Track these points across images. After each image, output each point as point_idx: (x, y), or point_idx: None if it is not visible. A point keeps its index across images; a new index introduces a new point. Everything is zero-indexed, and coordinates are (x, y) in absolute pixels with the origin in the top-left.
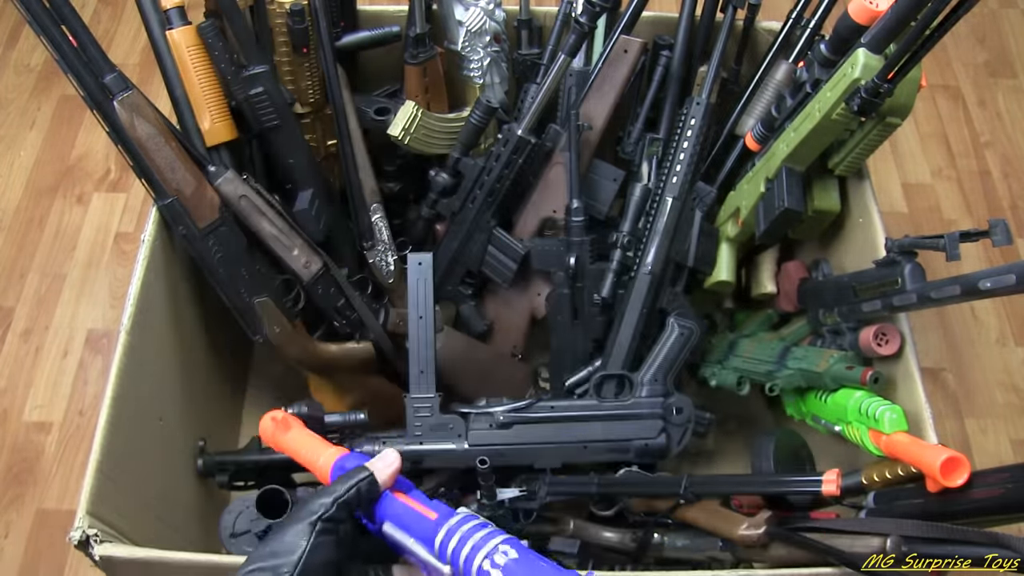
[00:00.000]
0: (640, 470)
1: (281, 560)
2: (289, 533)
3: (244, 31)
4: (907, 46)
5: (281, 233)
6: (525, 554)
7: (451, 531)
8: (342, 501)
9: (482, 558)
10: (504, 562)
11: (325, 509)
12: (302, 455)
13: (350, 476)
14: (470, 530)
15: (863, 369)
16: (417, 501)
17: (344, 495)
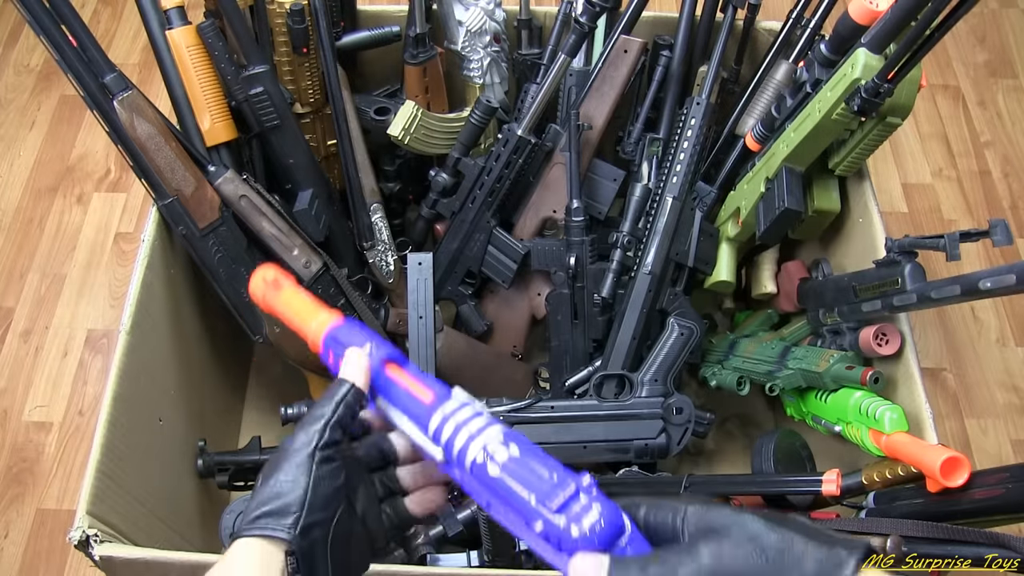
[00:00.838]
0: (640, 470)
1: (287, 499)
2: (286, 470)
3: (244, 31)
4: (907, 46)
5: (281, 233)
6: (527, 451)
7: (446, 417)
8: (333, 423)
9: (477, 449)
10: (504, 459)
11: (319, 437)
12: (294, 321)
13: (331, 393)
14: (466, 419)
15: (863, 369)
16: (412, 377)
17: (333, 416)
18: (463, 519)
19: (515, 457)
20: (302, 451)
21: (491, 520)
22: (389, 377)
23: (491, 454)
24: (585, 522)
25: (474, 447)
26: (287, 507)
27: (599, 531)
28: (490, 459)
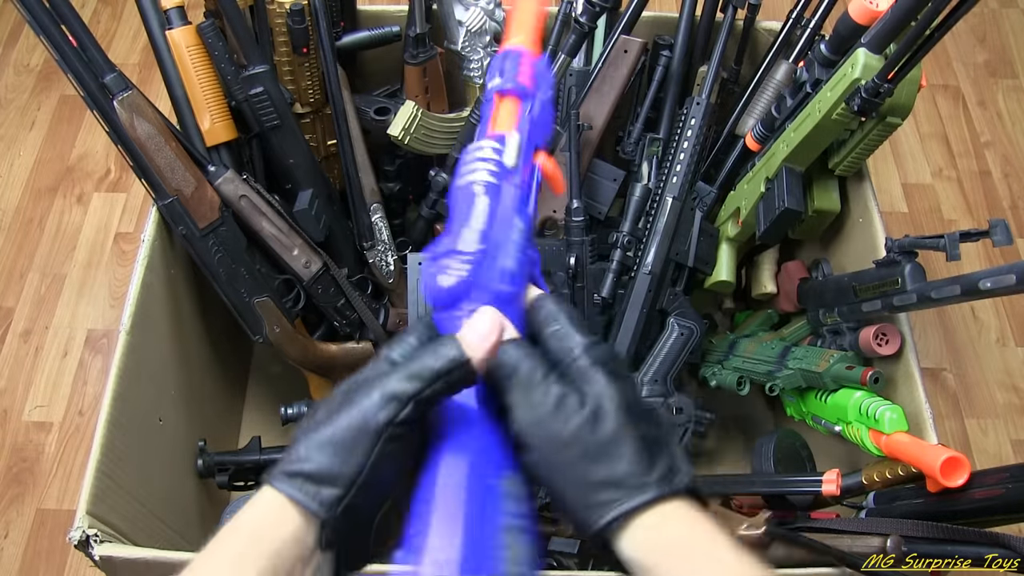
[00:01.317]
0: None
1: (335, 468)
2: (347, 430)
3: (244, 31)
4: (907, 46)
5: (281, 233)
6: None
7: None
8: (423, 399)
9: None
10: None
11: (396, 411)
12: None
13: (437, 354)
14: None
15: (863, 369)
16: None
17: (425, 391)
18: None
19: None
20: (373, 417)
21: None
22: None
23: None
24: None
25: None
26: (333, 478)
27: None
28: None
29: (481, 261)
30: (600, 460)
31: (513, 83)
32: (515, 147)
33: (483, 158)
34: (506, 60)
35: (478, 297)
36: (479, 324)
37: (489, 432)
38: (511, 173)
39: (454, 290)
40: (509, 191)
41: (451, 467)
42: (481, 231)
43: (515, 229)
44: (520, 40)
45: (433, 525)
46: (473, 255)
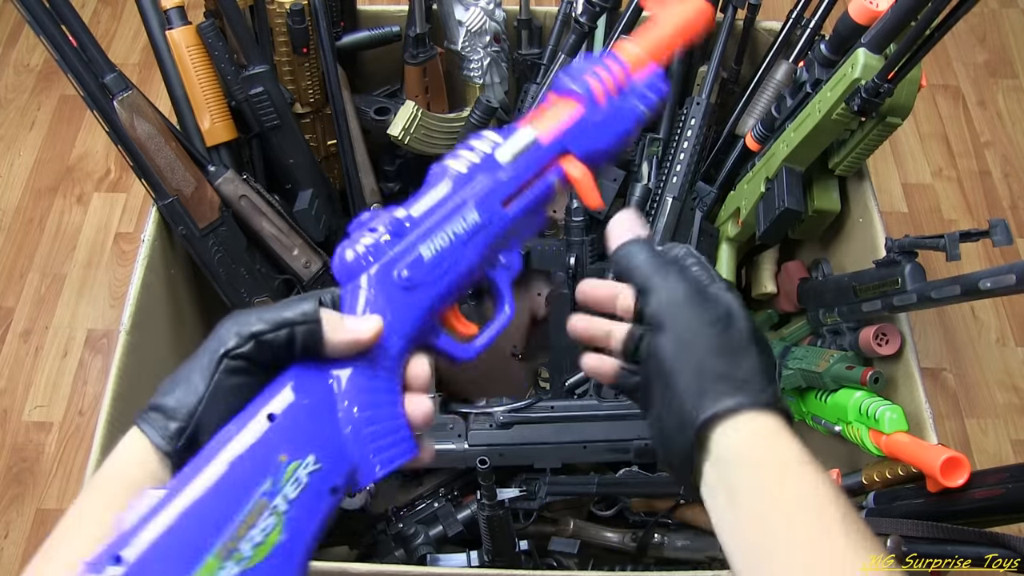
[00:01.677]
0: (640, 470)
1: (177, 402)
2: (195, 366)
3: (244, 31)
4: (907, 46)
5: (281, 233)
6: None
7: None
8: (264, 340)
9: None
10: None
11: (237, 342)
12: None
13: (292, 305)
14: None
15: (863, 369)
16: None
17: (266, 332)
18: (463, 519)
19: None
20: (216, 349)
21: (491, 520)
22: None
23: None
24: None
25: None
26: (175, 410)
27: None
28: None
29: (389, 243)
30: (726, 357)
31: (576, 88)
32: (518, 145)
33: (472, 147)
34: (597, 63)
35: (376, 283)
36: (361, 321)
37: (321, 414)
38: (497, 168)
39: (350, 266)
40: (483, 183)
41: (248, 425)
42: (410, 215)
43: (459, 221)
44: (636, 51)
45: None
46: (379, 233)
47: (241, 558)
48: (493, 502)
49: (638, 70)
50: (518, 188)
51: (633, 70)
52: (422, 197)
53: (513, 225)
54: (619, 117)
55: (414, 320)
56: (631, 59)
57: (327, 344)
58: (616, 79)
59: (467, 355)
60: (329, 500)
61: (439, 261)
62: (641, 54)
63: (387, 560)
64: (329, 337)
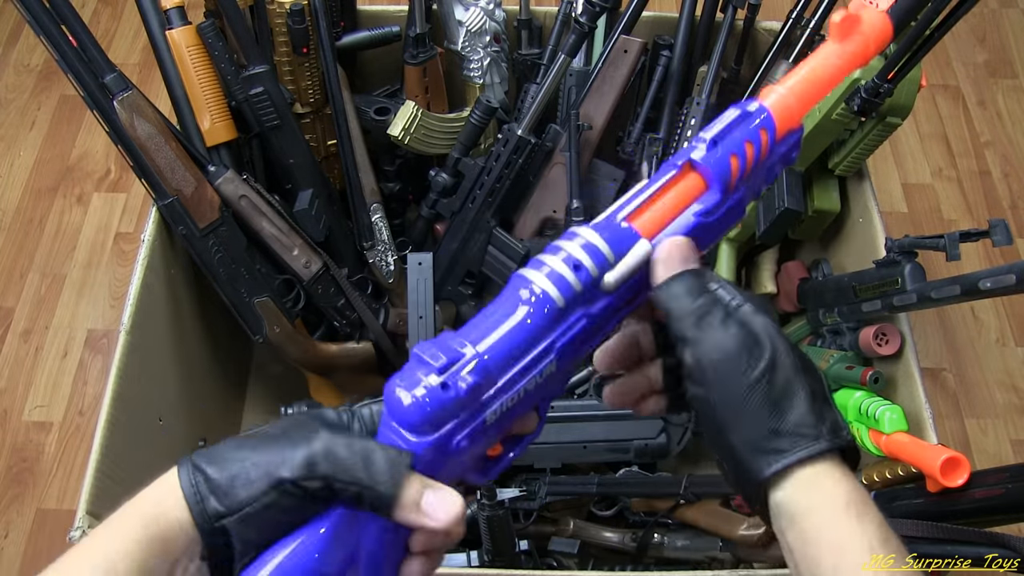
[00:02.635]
0: (640, 470)
1: (228, 486)
2: (261, 457)
3: (244, 31)
4: (907, 46)
5: (281, 233)
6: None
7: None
8: (331, 486)
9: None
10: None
11: (301, 475)
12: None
13: (371, 468)
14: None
15: (863, 369)
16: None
17: (335, 484)
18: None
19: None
20: (281, 466)
21: (491, 520)
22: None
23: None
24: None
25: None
26: (223, 494)
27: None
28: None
29: (454, 402)
30: (776, 408)
31: (711, 168)
32: (630, 266)
33: (576, 262)
34: (746, 134)
35: (432, 451)
36: (440, 503)
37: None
38: (597, 298)
39: (408, 412)
40: (575, 321)
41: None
42: (485, 363)
43: (534, 376)
44: (790, 103)
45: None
46: (450, 389)
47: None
48: (493, 502)
49: (783, 131)
50: (610, 317)
51: (780, 131)
52: (499, 326)
53: (584, 348)
54: (739, 206)
55: (454, 476)
56: (781, 114)
57: (393, 517)
58: (760, 155)
59: (486, 480)
60: None
61: (501, 422)
62: (794, 107)
63: None
64: (397, 516)
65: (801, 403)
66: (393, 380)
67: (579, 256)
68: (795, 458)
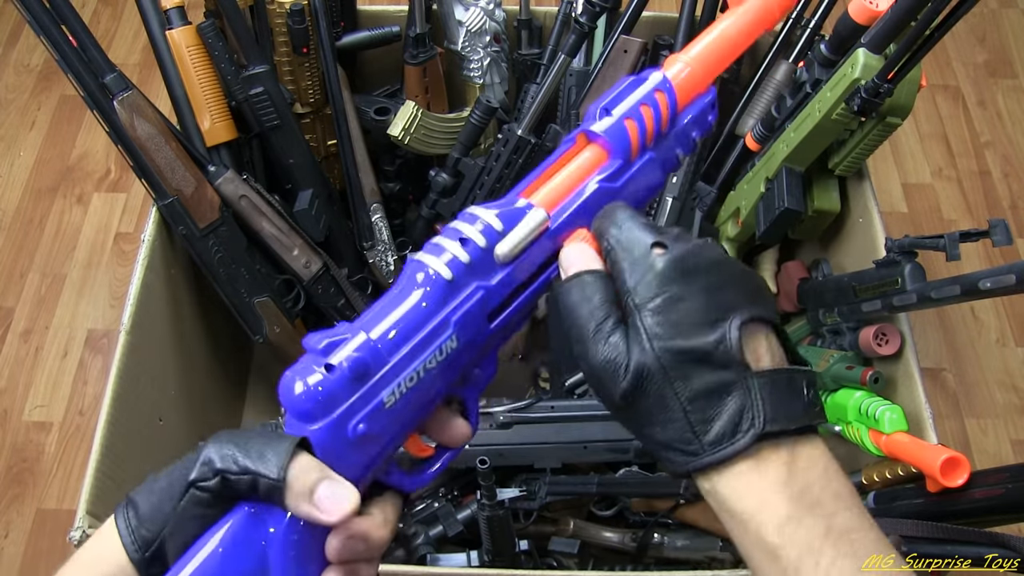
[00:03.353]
0: (640, 470)
1: (150, 511)
2: (170, 479)
3: (244, 31)
4: (907, 46)
5: (281, 233)
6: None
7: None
8: (228, 480)
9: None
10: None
11: (203, 473)
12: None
13: (262, 456)
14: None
15: (863, 369)
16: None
17: (232, 474)
18: (463, 519)
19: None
20: (187, 474)
21: (491, 520)
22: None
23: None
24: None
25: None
26: (150, 520)
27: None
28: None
29: (340, 382)
30: (652, 426)
31: (608, 137)
32: (524, 235)
33: (463, 235)
34: (643, 98)
35: (326, 438)
36: (332, 495)
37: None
38: (492, 269)
39: (297, 401)
40: (470, 295)
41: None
42: (374, 344)
43: (433, 353)
44: (691, 69)
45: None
46: (336, 372)
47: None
48: (493, 502)
49: (688, 97)
50: (511, 292)
51: (682, 99)
52: (391, 310)
53: (497, 337)
54: (650, 170)
55: (362, 470)
56: (683, 83)
57: (288, 508)
58: (660, 120)
59: (417, 486)
60: None
61: (404, 402)
62: (697, 72)
63: (387, 560)
64: (290, 504)
65: (677, 419)
66: (286, 372)
67: (467, 232)
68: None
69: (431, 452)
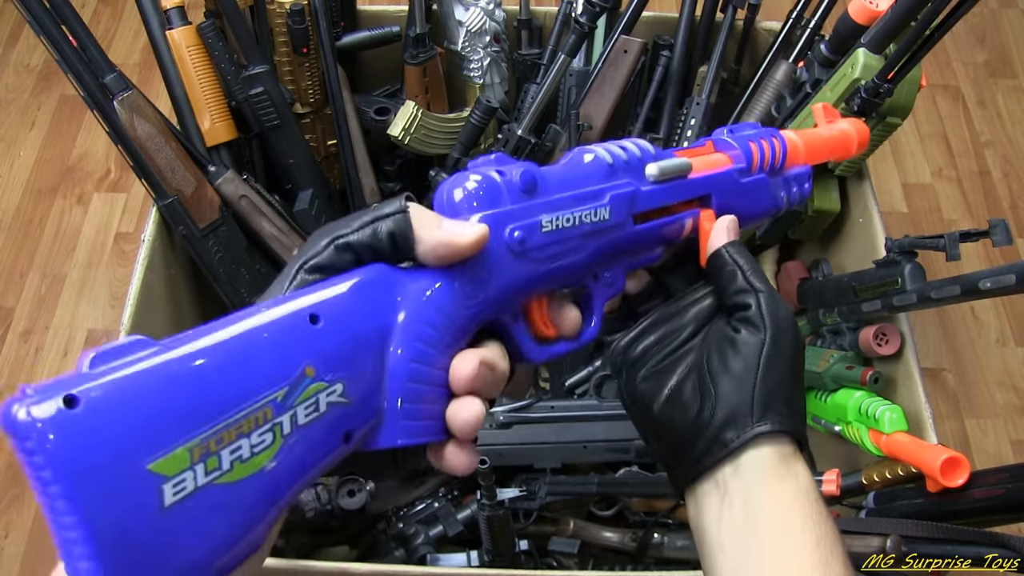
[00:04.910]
0: (640, 470)
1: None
2: (276, 285)
3: (244, 31)
4: (907, 46)
5: (281, 233)
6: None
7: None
8: (343, 243)
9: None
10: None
11: (315, 250)
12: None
13: (380, 205)
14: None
15: (863, 369)
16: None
17: (347, 234)
18: (463, 519)
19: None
20: (290, 264)
21: (491, 520)
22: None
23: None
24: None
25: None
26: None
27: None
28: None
29: (508, 185)
30: (794, 383)
31: (737, 146)
32: (670, 166)
33: (624, 147)
34: (763, 134)
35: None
36: (460, 224)
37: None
38: (642, 177)
39: (456, 207)
40: (624, 185)
41: (285, 311)
42: (542, 175)
43: (589, 210)
44: (796, 140)
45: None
46: (506, 178)
47: (215, 467)
48: (493, 502)
49: (793, 161)
50: (654, 209)
51: (789, 159)
52: (559, 165)
53: (634, 243)
54: (763, 193)
55: (506, 288)
56: (790, 144)
57: (418, 243)
58: (775, 157)
59: (538, 357)
60: (338, 446)
61: (556, 239)
62: (800, 146)
63: (387, 560)
64: (420, 235)
65: (802, 391)
66: (444, 183)
67: (625, 143)
68: (794, 428)
69: (555, 332)
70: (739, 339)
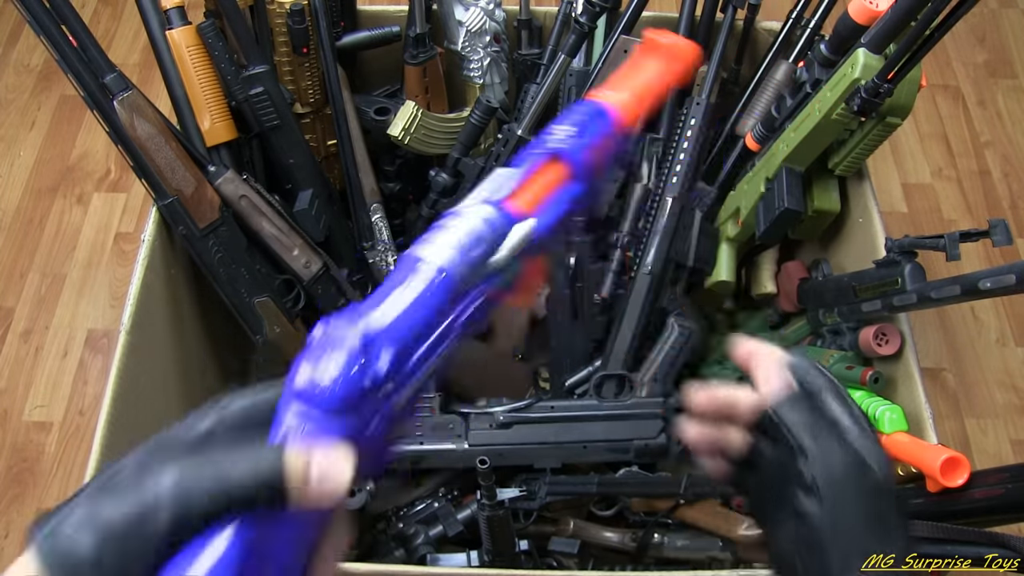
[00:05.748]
0: (640, 470)
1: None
2: (125, 513)
3: (244, 31)
4: (907, 46)
5: (281, 233)
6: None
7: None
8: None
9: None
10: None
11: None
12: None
13: (255, 467)
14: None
15: (863, 369)
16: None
17: (222, 510)
18: (463, 519)
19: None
20: (154, 517)
21: (491, 520)
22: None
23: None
24: None
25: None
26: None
27: None
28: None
29: (354, 362)
30: (878, 533)
31: (578, 153)
32: (515, 243)
33: (478, 236)
34: (588, 115)
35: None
36: (327, 462)
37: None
38: (490, 276)
39: (309, 390)
40: (474, 294)
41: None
42: (389, 328)
43: (441, 354)
44: (620, 99)
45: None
46: (352, 354)
47: None
48: (493, 502)
49: (629, 124)
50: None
51: (626, 125)
52: (404, 295)
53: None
54: (586, 197)
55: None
56: (623, 111)
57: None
58: (609, 147)
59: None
60: None
61: (412, 396)
62: (625, 107)
63: (387, 560)
64: (294, 500)
65: (903, 533)
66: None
67: (480, 230)
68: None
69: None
70: (800, 508)
